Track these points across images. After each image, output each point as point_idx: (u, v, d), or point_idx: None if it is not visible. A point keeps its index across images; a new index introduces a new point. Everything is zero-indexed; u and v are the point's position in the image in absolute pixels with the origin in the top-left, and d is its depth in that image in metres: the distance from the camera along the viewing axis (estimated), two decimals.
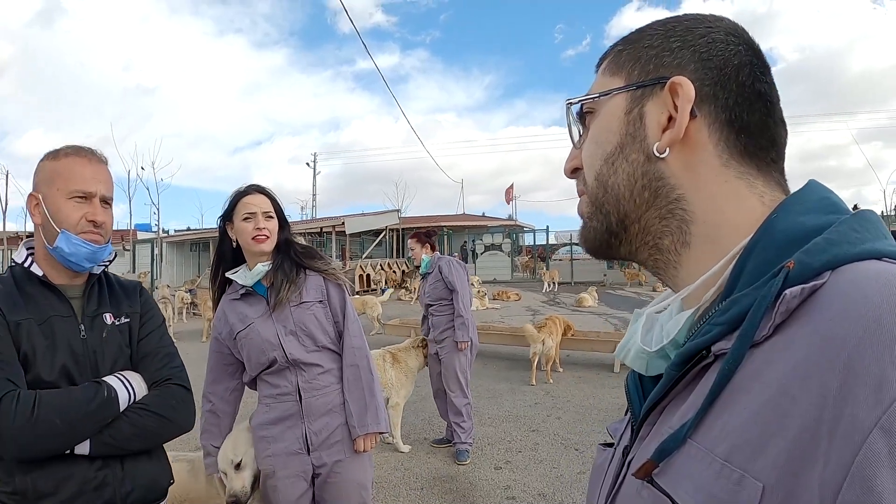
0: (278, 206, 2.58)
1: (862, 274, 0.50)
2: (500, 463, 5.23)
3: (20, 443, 1.50)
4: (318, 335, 2.49)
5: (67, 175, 1.68)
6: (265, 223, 2.48)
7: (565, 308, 17.19)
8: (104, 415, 1.60)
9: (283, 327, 2.46)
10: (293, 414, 2.47)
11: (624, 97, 0.68)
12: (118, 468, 1.67)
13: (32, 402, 1.51)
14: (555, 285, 23.70)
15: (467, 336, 5.42)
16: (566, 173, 0.78)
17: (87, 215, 1.68)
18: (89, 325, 1.72)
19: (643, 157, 0.66)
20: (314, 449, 2.46)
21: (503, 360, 9.72)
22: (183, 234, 36.94)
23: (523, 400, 7.30)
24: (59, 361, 1.62)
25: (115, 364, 1.74)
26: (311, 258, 2.60)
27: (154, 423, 1.70)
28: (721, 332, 0.56)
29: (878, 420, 0.42)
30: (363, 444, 2.47)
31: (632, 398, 0.73)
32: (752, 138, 0.64)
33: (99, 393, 1.61)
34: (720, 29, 0.66)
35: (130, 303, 1.86)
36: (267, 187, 2.61)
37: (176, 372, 1.84)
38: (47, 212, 1.67)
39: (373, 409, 2.47)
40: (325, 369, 2.50)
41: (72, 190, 1.67)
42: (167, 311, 12.98)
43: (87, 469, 1.61)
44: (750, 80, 0.64)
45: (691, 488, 0.53)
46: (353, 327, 2.57)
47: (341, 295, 2.59)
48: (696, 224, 0.65)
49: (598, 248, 0.73)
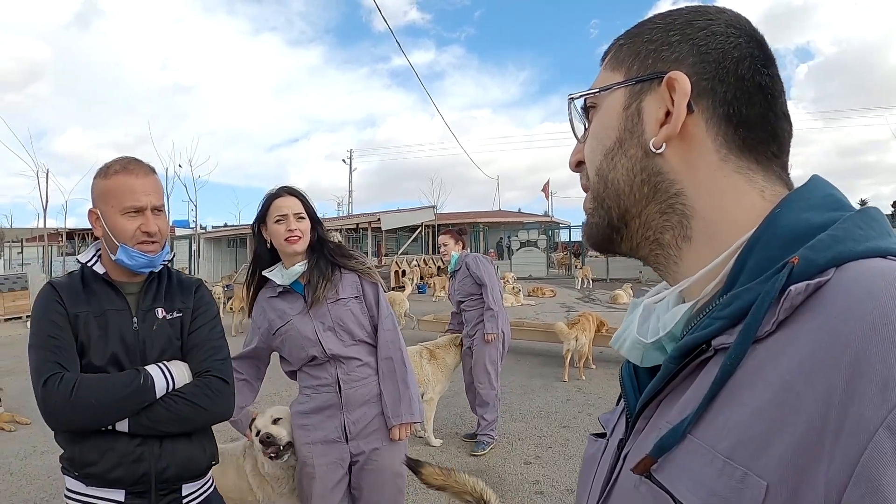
0: (310, 207, 2.63)
1: (867, 271, 0.50)
2: (529, 458, 5.22)
3: (62, 418, 1.72)
4: (355, 329, 2.58)
5: (118, 193, 1.83)
6: (297, 224, 2.55)
7: (600, 305, 17.06)
8: (139, 399, 1.77)
9: (322, 323, 2.55)
10: (333, 404, 2.57)
11: (623, 92, 0.68)
12: (156, 446, 1.83)
13: (73, 384, 1.70)
14: (589, 282, 23.53)
15: (496, 328, 5.45)
16: (571, 167, 0.78)
17: (141, 227, 1.85)
18: (142, 318, 1.90)
19: (641, 153, 0.66)
20: (352, 438, 2.55)
21: (536, 356, 9.69)
22: (220, 231, 37.48)
23: (555, 396, 7.27)
24: (109, 350, 1.82)
25: (163, 354, 1.90)
26: (345, 257, 2.66)
27: (188, 410, 1.84)
28: (722, 326, 0.56)
29: (884, 419, 0.41)
30: (398, 432, 2.55)
31: (626, 389, 0.73)
32: (751, 132, 0.63)
33: (136, 380, 1.77)
34: (721, 21, 0.65)
35: (184, 299, 2.01)
36: (298, 188, 2.67)
37: (217, 364, 1.96)
38: (105, 227, 1.85)
39: (406, 399, 2.55)
40: (362, 362, 2.59)
41: (124, 207, 1.83)
42: None
43: (127, 444, 1.79)
44: (750, 72, 0.63)
45: (692, 485, 0.52)
46: (386, 321, 2.63)
47: (375, 290, 2.65)
48: (696, 219, 0.64)
49: (600, 243, 0.73)
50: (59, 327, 1.79)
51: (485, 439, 5.42)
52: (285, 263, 2.63)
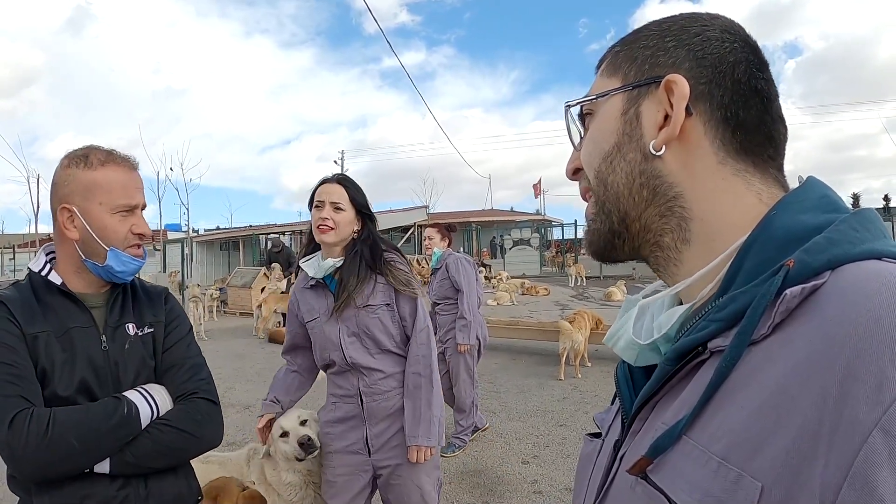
0: (357, 199, 2.48)
1: (862, 274, 0.50)
2: (527, 457, 5.22)
3: (35, 464, 1.41)
4: (381, 339, 2.44)
5: (109, 188, 1.56)
6: (331, 214, 2.41)
7: (594, 302, 17.08)
8: (124, 432, 1.50)
9: (347, 328, 2.43)
10: (355, 416, 2.48)
11: (620, 97, 0.69)
12: (141, 487, 1.58)
13: (47, 421, 1.41)
14: (583, 279, 23.54)
15: (468, 339, 5.29)
16: (568, 174, 0.78)
17: (133, 228, 1.61)
18: (111, 336, 1.62)
19: (640, 156, 0.67)
20: (374, 451, 2.46)
21: (532, 354, 9.68)
22: (212, 234, 37.34)
23: (551, 394, 7.27)
24: (77, 376, 1.53)
25: (138, 377, 1.64)
26: (389, 265, 2.49)
27: (178, 440, 1.59)
28: (718, 328, 0.56)
29: (878, 420, 0.42)
30: (415, 454, 2.40)
31: (622, 390, 0.73)
32: (748, 135, 0.64)
33: (119, 409, 1.51)
34: (715, 27, 0.66)
35: (154, 311, 1.75)
36: (350, 178, 2.56)
37: (202, 385, 1.72)
38: (88, 227, 1.55)
39: (426, 422, 2.40)
40: (387, 374, 2.46)
41: (118, 205, 1.57)
42: (198, 310, 13.09)
43: (107, 487, 1.52)
44: (746, 76, 0.64)
45: (687, 486, 0.53)
46: (421, 335, 2.48)
47: (412, 304, 2.49)
48: (694, 221, 0.65)
49: (602, 249, 0.74)
50: (14, 352, 1.46)
51: (457, 442, 5.37)
52: (323, 254, 2.52)
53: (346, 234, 2.47)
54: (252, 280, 16.02)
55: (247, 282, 16.44)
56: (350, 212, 2.46)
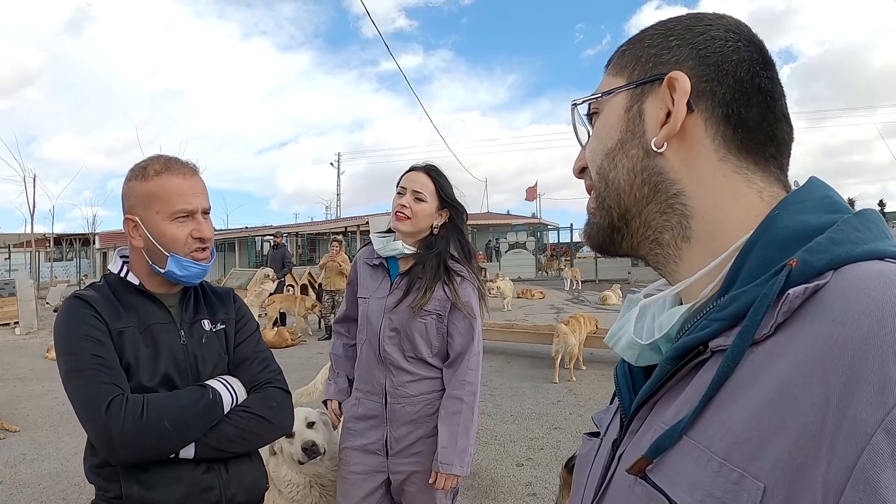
0: (444, 193, 2.39)
1: (865, 274, 0.50)
2: (521, 460, 5.21)
3: (132, 447, 1.49)
4: (420, 345, 2.36)
5: (165, 196, 1.62)
6: (411, 202, 2.34)
7: (589, 306, 17.09)
8: (211, 417, 1.60)
9: (390, 321, 2.36)
10: (378, 415, 2.40)
11: (625, 95, 0.69)
12: (223, 471, 1.67)
13: (142, 406, 1.50)
14: (578, 283, 23.55)
15: None
16: (574, 173, 0.79)
17: (192, 233, 1.65)
18: (188, 332, 1.72)
19: (642, 153, 0.67)
20: (392, 454, 2.38)
21: (526, 357, 9.68)
22: None
23: (546, 397, 7.27)
24: (161, 368, 1.62)
25: (216, 369, 1.74)
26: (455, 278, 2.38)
27: (256, 426, 1.69)
28: (719, 328, 0.56)
29: (881, 421, 0.41)
30: (442, 481, 2.29)
31: (621, 389, 0.73)
32: (749, 133, 0.64)
33: (204, 395, 1.61)
34: (720, 26, 0.67)
35: (226, 309, 1.85)
36: (439, 170, 2.45)
37: (275, 375, 1.83)
38: (150, 236, 1.63)
39: (461, 451, 2.29)
40: (416, 377, 2.38)
41: (174, 211, 1.62)
42: None
43: (192, 472, 1.61)
44: (749, 75, 0.64)
45: (688, 486, 0.52)
46: (472, 360, 2.36)
47: (466, 324, 2.37)
48: (695, 219, 0.65)
49: (601, 243, 0.74)
50: (102, 346, 1.55)
51: None
52: (395, 238, 2.42)
53: (423, 227, 2.39)
54: (248, 281, 15.96)
55: (242, 283, 16.37)
56: (432, 204, 2.37)
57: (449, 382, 2.37)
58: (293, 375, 8.68)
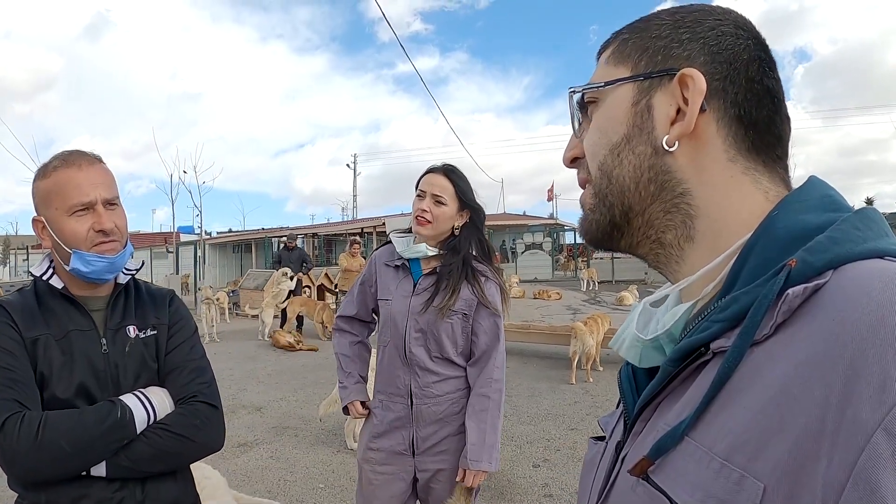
0: (463, 195, 2.38)
1: (865, 273, 0.50)
2: (538, 461, 5.21)
3: (25, 467, 1.42)
4: (446, 345, 2.36)
5: (60, 191, 1.54)
6: (431, 206, 2.33)
7: (606, 306, 17.01)
8: (117, 437, 1.48)
9: (416, 322, 2.35)
10: (403, 416, 2.40)
11: (630, 87, 0.67)
12: (138, 490, 1.56)
13: (38, 425, 1.41)
14: (595, 284, 23.47)
15: None
16: (565, 162, 0.77)
17: (93, 226, 1.55)
18: (111, 339, 1.61)
19: (650, 150, 0.65)
20: (419, 453, 2.39)
21: (543, 358, 9.66)
22: (225, 236, 37.49)
23: (563, 398, 7.26)
24: (76, 379, 1.52)
25: (139, 379, 1.62)
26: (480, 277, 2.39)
27: (175, 445, 1.56)
28: (720, 329, 0.56)
29: (881, 421, 0.41)
30: (471, 478, 2.32)
31: (625, 392, 0.73)
32: (760, 134, 0.64)
33: (112, 413, 1.49)
34: (729, 22, 0.66)
35: (158, 314, 1.73)
36: (458, 171, 2.43)
37: (203, 388, 1.68)
38: (54, 234, 1.56)
39: (489, 447, 2.32)
40: (442, 377, 2.38)
41: (70, 206, 1.54)
42: (210, 313, 13.11)
43: (103, 489, 1.51)
44: (759, 75, 0.64)
45: (689, 487, 0.52)
46: (498, 358, 2.39)
47: (491, 322, 2.39)
48: (700, 219, 0.64)
49: (598, 239, 0.73)
50: (12, 356, 1.47)
51: None
52: (416, 241, 2.41)
53: (445, 230, 2.38)
54: (265, 282, 16.04)
55: (259, 284, 16.48)
56: (452, 207, 2.36)
57: (475, 380, 2.38)
58: (309, 377, 8.75)
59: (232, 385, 8.46)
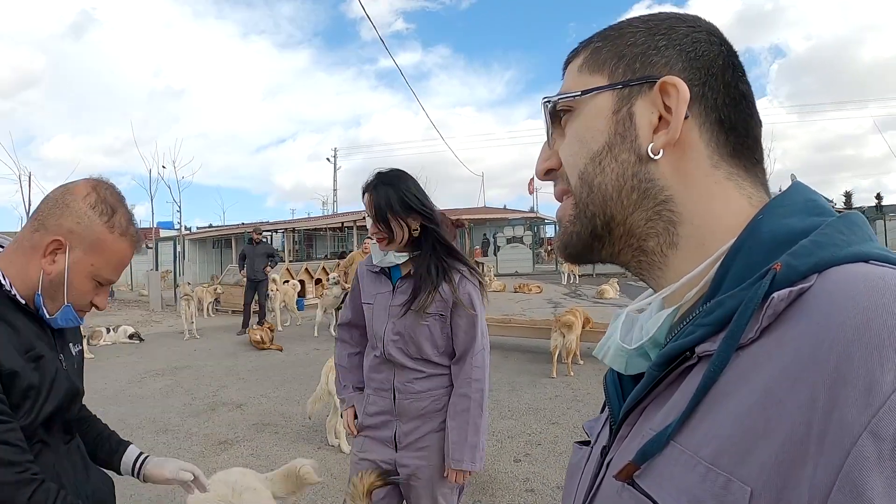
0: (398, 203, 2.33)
1: (849, 277, 0.50)
2: (519, 455, 5.23)
3: None
4: (425, 347, 2.39)
5: (110, 258, 1.49)
6: (375, 228, 2.35)
7: (587, 300, 17.13)
8: None
9: (393, 325, 2.39)
10: (388, 411, 2.46)
11: (609, 96, 0.67)
12: None
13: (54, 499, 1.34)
14: (575, 277, 23.62)
15: None
16: (539, 175, 0.76)
17: (95, 300, 1.54)
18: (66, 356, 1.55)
19: (634, 158, 0.65)
20: (401, 448, 2.44)
21: (524, 352, 9.70)
22: (205, 232, 37.27)
23: (543, 392, 7.29)
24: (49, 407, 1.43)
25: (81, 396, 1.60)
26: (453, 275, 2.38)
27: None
28: (705, 333, 0.56)
29: (867, 424, 0.41)
30: (454, 476, 2.36)
31: (610, 397, 0.72)
32: (740, 138, 0.64)
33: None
34: (702, 29, 0.66)
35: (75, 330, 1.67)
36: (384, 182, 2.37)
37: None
38: (66, 274, 1.45)
39: (471, 447, 2.34)
40: (424, 374, 2.42)
41: (102, 275, 1.50)
42: (189, 309, 13.03)
43: None
44: (734, 80, 0.64)
45: (675, 491, 0.52)
46: (477, 358, 2.38)
47: (470, 321, 2.38)
48: (683, 225, 0.64)
49: (579, 253, 0.72)
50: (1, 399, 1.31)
51: None
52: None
53: (403, 237, 2.36)
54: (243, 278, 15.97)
55: (239, 280, 16.41)
56: (395, 218, 2.33)
57: (456, 380, 2.42)
58: (289, 373, 8.72)
59: (212, 382, 8.42)
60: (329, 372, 5.72)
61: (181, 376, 8.97)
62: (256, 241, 13.29)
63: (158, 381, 8.71)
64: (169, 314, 17.44)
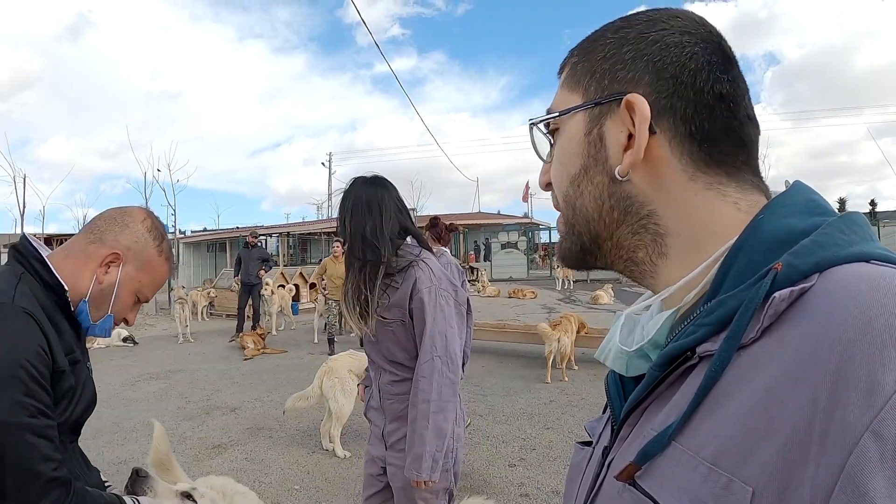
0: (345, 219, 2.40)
1: (850, 276, 0.50)
2: (514, 460, 5.22)
3: None
4: (394, 351, 2.43)
5: (152, 277, 1.63)
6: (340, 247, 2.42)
7: (581, 305, 17.13)
8: None
9: (369, 328, 2.43)
10: (378, 408, 2.55)
11: (583, 116, 0.67)
12: None
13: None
14: (570, 283, 23.62)
15: None
16: (541, 187, 0.77)
17: (128, 316, 1.65)
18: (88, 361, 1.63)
19: (607, 179, 0.65)
20: (388, 446, 2.50)
21: (518, 357, 9.70)
22: (200, 235, 37.16)
23: (538, 397, 7.28)
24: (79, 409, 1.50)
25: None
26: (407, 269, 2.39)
27: None
28: (707, 333, 0.56)
29: (869, 424, 0.41)
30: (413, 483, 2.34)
31: (612, 397, 0.72)
32: (716, 146, 0.62)
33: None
34: (675, 30, 0.64)
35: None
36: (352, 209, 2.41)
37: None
38: (116, 287, 1.57)
39: (417, 457, 2.30)
40: (399, 378, 2.44)
41: (145, 293, 1.64)
42: (183, 312, 12.98)
43: None
44: (709, 83, 0.62)
45: (676, 491, 0.52)
46: (424, 367, 2.34)
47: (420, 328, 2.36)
48: (670, 236, 0.64)
49: (575, 264, 0.74)
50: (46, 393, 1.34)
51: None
52: None
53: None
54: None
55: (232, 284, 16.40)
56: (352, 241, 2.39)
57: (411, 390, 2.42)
58: (283, 377, 8.69)
59: (206, 386, 8.39)
60: (323, 376, 5.70)
61: (175, 380, 8.94)
62: (252, 244, 13.18)
63: (152, 384, 8.67)
64: (163, 318, 17.36)
